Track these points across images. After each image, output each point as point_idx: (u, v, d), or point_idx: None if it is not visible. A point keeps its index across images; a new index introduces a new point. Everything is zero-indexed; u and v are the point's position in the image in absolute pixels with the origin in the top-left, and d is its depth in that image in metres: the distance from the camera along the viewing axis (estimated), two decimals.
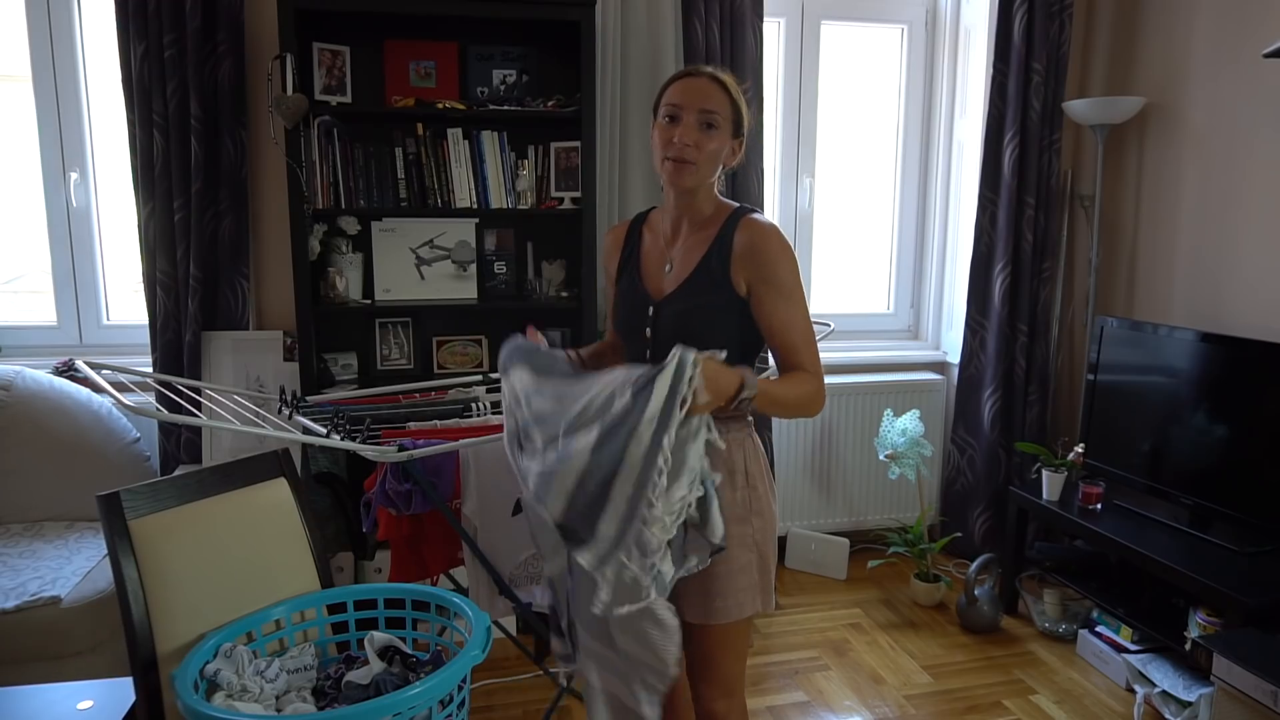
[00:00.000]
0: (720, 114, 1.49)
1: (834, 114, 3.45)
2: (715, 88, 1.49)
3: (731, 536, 1.49)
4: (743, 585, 1.54)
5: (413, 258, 2.89)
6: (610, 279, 1.75)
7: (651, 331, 1.58)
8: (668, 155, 1.49)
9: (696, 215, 1.57)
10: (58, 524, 2.52)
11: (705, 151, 1.48)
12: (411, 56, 2.80)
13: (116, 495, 1.57)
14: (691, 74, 1.51)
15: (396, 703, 1.34)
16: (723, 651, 1.57)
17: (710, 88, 1.48)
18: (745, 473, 1.55)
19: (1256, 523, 2.38)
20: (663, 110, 1.51)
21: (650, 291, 1.60)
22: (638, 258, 1.66)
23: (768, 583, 1.58)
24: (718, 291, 1.51)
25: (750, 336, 1.54)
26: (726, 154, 1.53)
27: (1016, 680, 2.61)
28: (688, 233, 1.58)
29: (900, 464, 3.07)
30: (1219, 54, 2.81)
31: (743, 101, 1.53)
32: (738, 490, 1.54)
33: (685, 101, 1.48)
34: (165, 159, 2.65)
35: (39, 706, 1.41)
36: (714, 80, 1.49)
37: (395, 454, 1.77)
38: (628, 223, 1.74)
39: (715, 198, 1.58)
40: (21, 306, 2.95)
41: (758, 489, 1.57)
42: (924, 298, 3.63)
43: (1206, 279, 2.87)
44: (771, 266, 1.48)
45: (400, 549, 2.00)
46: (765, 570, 1.57)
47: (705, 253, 1.53)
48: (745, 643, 1.61)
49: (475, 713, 2.39)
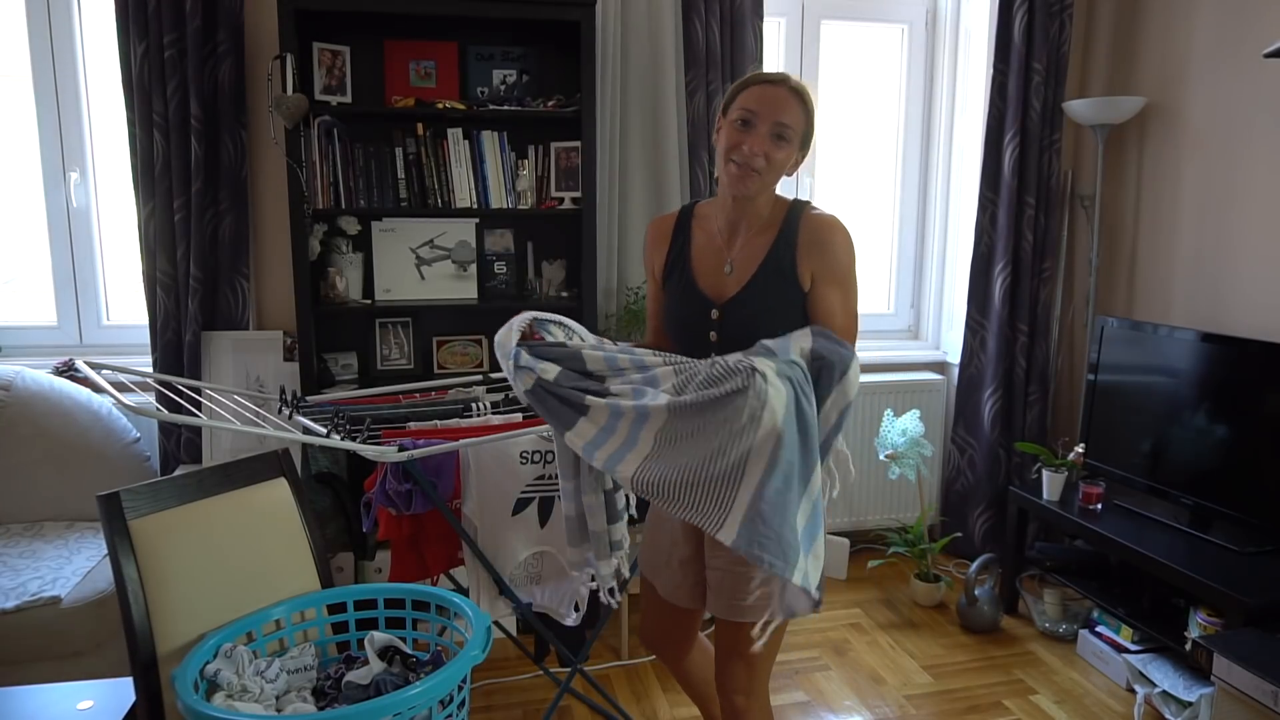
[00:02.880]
0: (794, 128, 1.48)
1: (834, 114, 3.45)
2: (794, 100, 1.48)
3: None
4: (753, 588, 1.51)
5: (413, 258, 2.89)
6: (654, 276, 1.70)
7: (717, 335, 1.57)
8: (734, 159, 1.49)
9: (755, 218, 1.57)
10: (58, 524, 2.52)
11: (773, 162, 1.49)
12: (411, 56, 2.80)
13: (116, 495, 1.57)
14: (772, 81, 1.49)
15: (396, 703, 1.34)
16: (747, 647, 1.54)
17: (789, 100, 1.48)
18: None
19: (1256, 523, 2.38)
20: (736, 112, 1.50)
21: (709, 293, 1.58)
22: (688, 255, 1.63)
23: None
24: (787, 288, 1.52)
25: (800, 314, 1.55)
26: (791, 161, 1.53)
27: (1017, 680, 2.61)
28: (749, 235, 1.57)
29: (900, 464, 3.07)
30: (1219, 54, 2.81)
31: (815, 115, 1.54)
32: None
33: (762, 110, 1.47)
34: (165, 159, 2.65)
35: (39, 706, 1.41)
36: (794, 93, 1.49)
37: (395, 454, 1.77)
38: (673, 216, 1.69)
39: (774, 197, 1.58)
40: (21, 306, 2.95)
41: None
42: (924, 298, 3.63)
43: (1207, 279, 2.87)
44: (836, 258, 1.50)
45: (400, 549, 2.00)
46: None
47: (770, 251, 1.54)
48: (772, 644, 1.56)
49: (475, 713, 2.39)
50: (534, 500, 2.04)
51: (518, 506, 2.02)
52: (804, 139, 1.53)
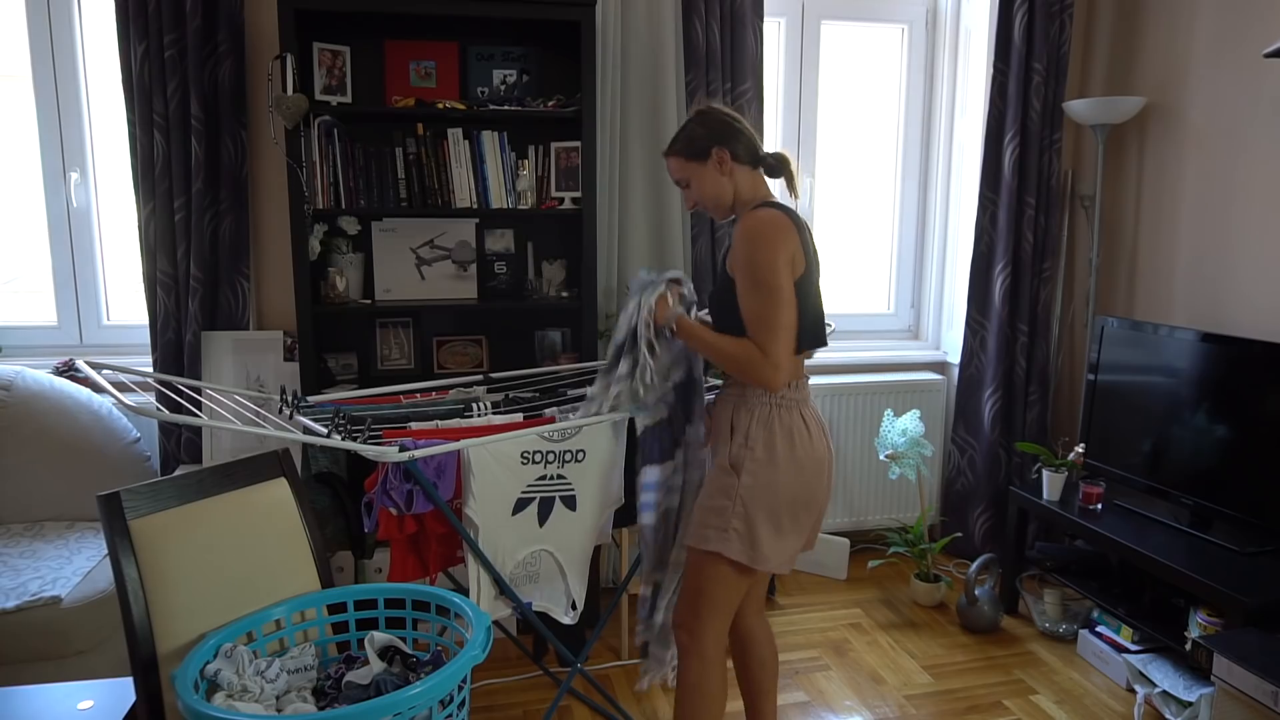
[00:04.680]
0: (682, 173, 1.82)
1: (834, 114, 3.45)
2: (670, 161, 1.84)
3: (711, 478, 1.81)
4: (712, 522, 1.76)
5: (413, 258, 2.89)
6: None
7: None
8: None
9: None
10: (58, 524, 2.52)
11: (700, 199, 1.83)
12: (411, 56, 2.80)
13: (117, 495, 1.57)
14: (665, 155, 1.87)
15: (396, 703, 1.34)
16: (692, 575, 1.82)
17: (670, 163, 1.85)
18: (745, 433, 1.75)
19: (1256, 523, 2.38)
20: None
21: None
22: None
23: (752, 537, 1.74)
24: (722, 280, 1.81)
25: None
26: (713, 173, 1.79)
27: (1017, 680, 2.61)
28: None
29: (900, 464, 3.07)
30: (1219, 54, 2.81)
31: (683, 136, 1.81)
32: (732, 445, 1.77)
33: (671, 178, 1.88)
34: (165, 159, 2.65)
35: (39, 706, 1.42)
36: (667, 156, 1.85)
37: (396, 454, 1.77)
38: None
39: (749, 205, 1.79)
40: (21, 306, 2.95)
41: (755, 451, 1.74)
42: (924, 298, 3.64)
43: (1207, 279, 2.87)
44: (737, 254, 1.72)
45: (400, 549, 1.99)
46: (749, 525, 1.73)
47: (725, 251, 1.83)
48: (714, 582, 1.77)
49: (475, 713, 2.39)
50: (534, 500, 2.04)
51: (517, 506, 2.02)
52: (694, 155, 1.79)
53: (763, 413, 1.75)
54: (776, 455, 1.74)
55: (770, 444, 1.74)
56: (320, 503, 2.19)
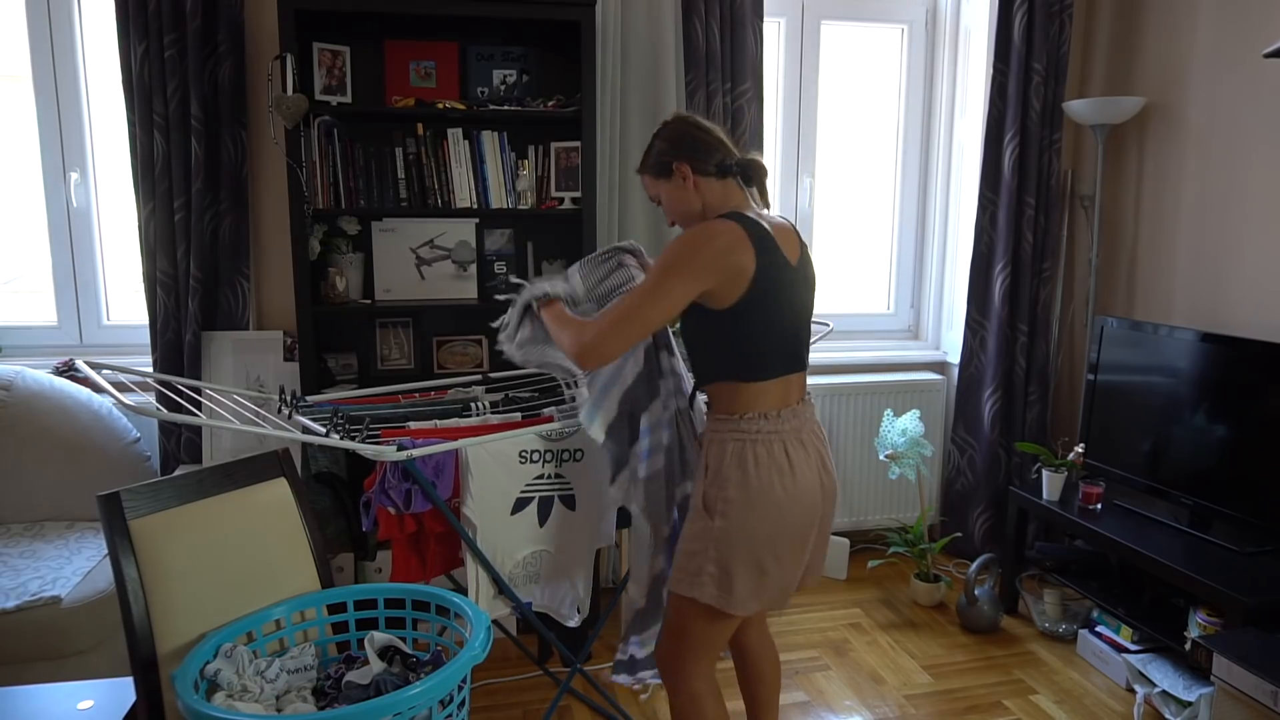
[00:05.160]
0: (653, 190, 1.79)
1: (834, 114, 3.45)
2: (642, 178, 1.81)
3: (689, 520, 1.71)
4: (684, 565, 1.68)
5: (413, 258, 2.89)
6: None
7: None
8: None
9: None
10: (58, 524, 2.52)
11: (670, 213, 1.79)
12: (411, 56, 2.80)
13: (117, 495, 1.57)
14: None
15: (396, 703, 1.34)
16: (674, 617, 1.75)
17: (643, 180, 1.81)
18: (718, 472, 1.65)
19: (1256, 523, 2.38)
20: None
21: None
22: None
23: (728, 583, 1.63)
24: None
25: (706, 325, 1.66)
26: (678, 187, 1.73)
27: (1017, 680, 2.61)
28: None
29: (900, 464, 3.07)
30: (1219, 54, 2.81)
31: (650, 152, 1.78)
32: (706, 485, 1.67)
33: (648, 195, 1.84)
34: (165, 159, 2.65)
35: (39, 706, 1.42)
36: (639, 173, 1.82)
37: (394, 453, 1.77)
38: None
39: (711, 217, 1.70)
40: (21, 306, 2.95)
41: (727, 492, 1.63)
42: (924, 298, 3.64)
43: (1207, 279, 2.87)
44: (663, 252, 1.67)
45: (400, 549, 2.00)
46: (724, 570, 1.63)
47: None
48: (694, 625, 1.70)
49: (475, 713, 2.39)
50: (533, 500, 2.04)
51: (517, 506, 2.02)
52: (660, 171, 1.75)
53: (736, 448, 1.63)
54: (751, 495, 1.61)
55: (744, 484, 1.61)
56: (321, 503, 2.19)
